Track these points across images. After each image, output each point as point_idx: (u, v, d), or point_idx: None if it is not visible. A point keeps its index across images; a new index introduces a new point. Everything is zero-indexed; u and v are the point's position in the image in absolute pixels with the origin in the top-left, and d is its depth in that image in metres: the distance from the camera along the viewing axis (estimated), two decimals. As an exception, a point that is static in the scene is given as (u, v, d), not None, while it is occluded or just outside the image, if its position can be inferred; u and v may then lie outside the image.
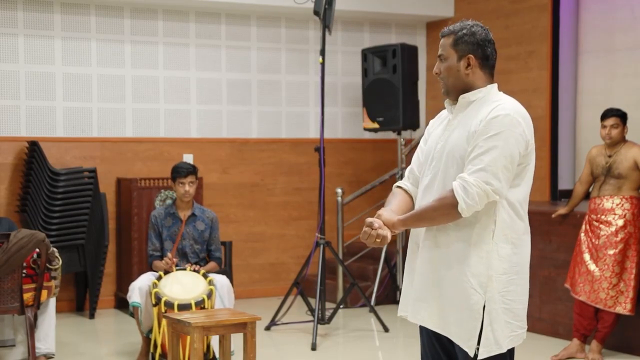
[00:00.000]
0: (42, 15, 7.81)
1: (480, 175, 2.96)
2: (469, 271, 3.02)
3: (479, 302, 3.01)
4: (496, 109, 3.04)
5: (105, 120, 8.09)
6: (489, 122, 3.01)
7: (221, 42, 8.55)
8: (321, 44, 6.99)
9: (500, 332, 3.03)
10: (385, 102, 8.09)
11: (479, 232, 3.03)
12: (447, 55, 3.14)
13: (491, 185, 2.97)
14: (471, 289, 3.01)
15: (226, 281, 5.93)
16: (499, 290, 3.03)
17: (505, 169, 3.00)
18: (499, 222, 3.05)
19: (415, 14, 9.00)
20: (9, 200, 7.71)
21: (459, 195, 2.96)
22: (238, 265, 8.36)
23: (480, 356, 3.01)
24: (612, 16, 7.88)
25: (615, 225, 5.92)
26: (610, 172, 5.99)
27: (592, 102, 7.99)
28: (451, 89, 3.16)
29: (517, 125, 3.04)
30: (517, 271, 3.10)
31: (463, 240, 3.04)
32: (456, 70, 3.12)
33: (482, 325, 3.01)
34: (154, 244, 6.08)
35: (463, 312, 3.03)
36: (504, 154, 3.00)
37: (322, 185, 7.00)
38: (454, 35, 3.13)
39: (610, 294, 5.88)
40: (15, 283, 5.56)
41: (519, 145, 3.04)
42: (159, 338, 5.59)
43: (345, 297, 7.45)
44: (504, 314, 3.04)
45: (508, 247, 3.07)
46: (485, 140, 2.99)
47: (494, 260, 3.03)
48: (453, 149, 3.08)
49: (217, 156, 8.55)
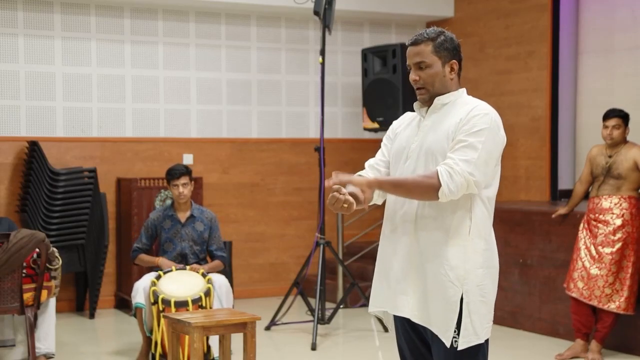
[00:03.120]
0: (42, 15, 7.81)
1: (465, 166, 3.06)
2: (447, 264, 3.11)
3: (457, 294, 3.11)
4: (477, 108, 3.16)
5: (105, 120, 8.09)
6: (471, 120, 3.12)
7: (221, 42, 8.55)
8: (321, 44, 6.99)
9: (478, 323, 3.13)
10: (385, 102, 8.09)
11: (457, 227, 3.13)
12: (430, 62, 3.20)
13: (473, 177, 3.07)
14: (449, 282, 3.11)
15: (225, 281, 5.94)
16: (477, 284, 3.14)
17: (486, 164, 3.12)
18: (474, 218, 3.15)
19: (415, 14, 9.00)
20: (9, 200, 7.71)
21: (444, 179, 3.04)
22: (238, 265, 8.36)
23: (459, 347, 3.11)
24: (612, 16, 7.88)
25: (613, 225, 5.94)
26: (610, 172, 6.00)
27: (592, 102, 7.98)
28: (436, 93, 3.23)
29: (499, 127, 3.19)
30: (489, 266, 3.19)
31: (441, 235, 3.13)
32: (442, 76, 3.22)
33: (460, 317, 3.11)
34: (141, 242, 6.10)
35: (441, 304, 3.12)
36: (486, 150, 3.11)
37: (322, 185, 7.00)
38: (432, 42, 3.20)
39: (606, 292, 5.90)
40: (15, 283, 5.56)
41: (498, 145, 3.18)
42: (159, 336, 5.60)
43: (345, 297, 7.45)
44: (481, 306, 3.14)
45: (482, 242, 3.17)
46: (469, 135, 3.09)
47: (471, 254, 3.13)
48: (431, 147, 3.17)
49: (217, 156, 8.55)
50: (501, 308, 7.05)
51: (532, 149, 8.25)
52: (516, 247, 7.00)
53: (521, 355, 6.28)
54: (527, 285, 6.93)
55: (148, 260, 6.02)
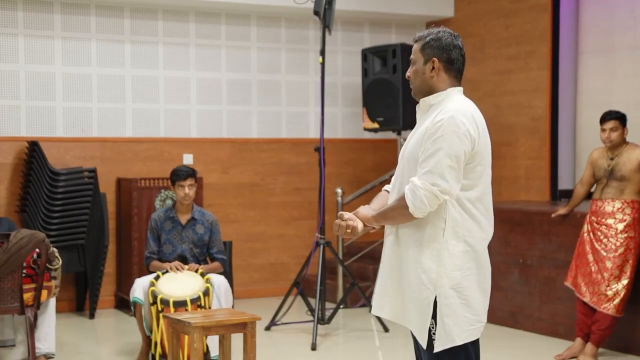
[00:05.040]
0: (42, 15, 7.81)
1: (427, 178, 3.10)
2: (420, 267, 3.16)
3: (429, 297, 3.14)
4: (441, 112, 3.16)
5: (105, 120, 8.09)
6: (434, 125, 3.14)
7: (221, 42, 8.55)
8: (321, 44, 6.99)
9: (454, 326, 3.14)
10: (385, 102, 8.09)
11: (431, 230, 3.16)
12: (415, 59, 3.30)
13: (438, 186, 3.09)
14: (422, 285, 3.15)
15: (224, 281, 5.93)
16: (452, 286, 3.14)
17: (451, 168, 3.10)
18: (449, 221, 3.15)
19: (415, 14, 9.00)
20: (9, 200, 7.71)
21: (408, 198, 3.12)
22: (238, 265, 8.36)
23: (435, 349, 3.15)
24: (612, 16, 7.88)
25: (615, 229, 5.91)
26: (613, 175, 5.96)
27: (592, 102, 7.98)
28: (417, 91, 3.31)
29: (461, 125, 3.12)
30: (470, 267, 3.17)
31: (416, 237, 3.18)
32: (422, 73, 3.28)
33: (435, 319, 3.14)
34: (151, 247, 6.07)
35: (416, 306, 3.18)
36: (448, 154, 3.10)
37: (322, 185, 7.00)
38: (422, 41, 3.29)
39: (607, 294, 5.88)
40: (15, 283, 5.56)
41: (463, 144, 3.12)
42: (158, 337, 5.60)
43: (345, 297, 7.45)
44: (461, 309, 3.15)
45: (460, 244, 3.16)
46: (432, 143, 3.12)
47: (445, 257, 3.15)
48: (410, 152, 3.23)
49: (217, 156, 8.55)
50: (501, 308, 7.05)
51: (532, 149, 8.25)
52: (516, 247, 7.00)
53: (521, 355, 6.28)
54: (527, 285, 6.93)
55: (160, 267, 6.00)
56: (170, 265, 5.88)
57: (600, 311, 5.90)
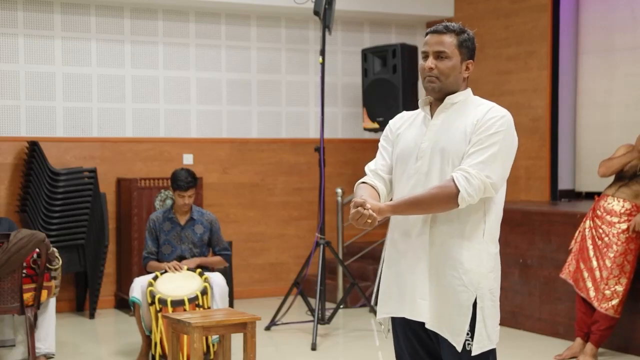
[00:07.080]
0: (42, 15, 7.81)
1: (481, 168, 3.00)
2: (461, 268, 3.06)
3: (470, 298, 3.07)
4: (493, 110, 3.11)
5: (105, 120, 8.09)
6: (488, 121, 3.06)
7: (221, 42, 8.55)
8: (321, 44, 6.99)
9: (491, 327, 3.14)
10: (385, 102, 8.09)
11: (472, 230, 3.08)
12: (451, 54, 3.14)
13: (490, 179, 3.01)
14: (462, 286, 3.06)
15: (222, 281, 5.91)
16: (489, 288, 3.12)
17: (502, 167, 3.06)
18: (488, 222, 3.12)
19: (415, 14, 9.00)
20: (9, 200, 7.71)
21: (461, 185, 2.98)
22: (238, 265, 8.36)
23: (473, 352, 3.08)
24: (612, 16, 7.88)
25: (617, 229, 5.91)
26: (636, 178, 5.92)
27: (592, 102, 7.99)
28: (445, 88, 3.17)
29: (512, 126, 3.12)
30: (497, 269, 3.19)
31: (457, 239, 3.07)
32: (458, 72, 3.17)
33: (474, 321, 3.07)
34: (149, 248, 6.07)
35: (454, 308, 3.07)
36: (503, 152, 3.05)
37: (322, 185, 7.00)
38: (456, 36, 3.15)
39: (605, 294, 5.88)
40: (15, 283, 5.56)
41: (513, 147, 3.12)
42: (157, 337, 5.60)
43: (345, 297, 7.45)
44: (493, 310, 3.15)
45: (493, 246, 3.16)
46: (486, 138, 3.03)
47: (484, 258, 3.11)
48: (446, 147, 3.08)
49: (217, 156, 8.55)
50: (501, 308, 6.96)
51: (532, 149, 8.25)
52: (516, 247, 7.00)
53: (521, 355, 6.28)
54: (527, 285, 6.93)
55: (157, 267, 6.00)
56: (168, 265, 5.88)
57: (600, 311, 5.90)
